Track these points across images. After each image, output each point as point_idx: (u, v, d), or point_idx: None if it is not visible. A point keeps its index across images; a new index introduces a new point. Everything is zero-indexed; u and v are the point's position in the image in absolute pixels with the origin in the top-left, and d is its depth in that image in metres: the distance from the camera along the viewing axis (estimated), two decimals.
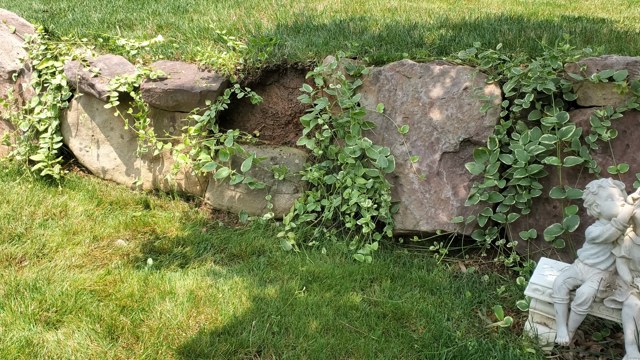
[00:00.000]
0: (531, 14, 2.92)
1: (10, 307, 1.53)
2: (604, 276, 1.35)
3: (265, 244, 1.97)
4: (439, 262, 1.91)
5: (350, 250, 1.94)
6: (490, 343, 1.43)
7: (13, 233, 1.98)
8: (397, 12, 3.07)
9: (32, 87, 2.56)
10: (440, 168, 1.94)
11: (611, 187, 1.35)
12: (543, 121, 1.75)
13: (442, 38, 2.33)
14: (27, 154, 2.54)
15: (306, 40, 2.43)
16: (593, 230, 1.35)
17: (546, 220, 1.79)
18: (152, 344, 1.42)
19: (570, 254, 1.73)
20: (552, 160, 1.71)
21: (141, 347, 1.40)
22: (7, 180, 2.45)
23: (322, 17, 2.98)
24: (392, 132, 2.01)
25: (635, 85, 1.66)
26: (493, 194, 1.83)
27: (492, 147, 1.83)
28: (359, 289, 1.71)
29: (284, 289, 1.67)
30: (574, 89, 1.79)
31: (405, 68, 2.02)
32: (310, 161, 2.19)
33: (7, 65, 2.59)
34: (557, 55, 1.83)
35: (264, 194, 2.17)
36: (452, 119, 1.93)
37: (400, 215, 1.99)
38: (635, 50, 2.00)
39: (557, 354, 1.42)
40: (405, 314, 1.56)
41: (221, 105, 2.21)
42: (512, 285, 1.73)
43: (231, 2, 3.41)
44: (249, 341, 1.41)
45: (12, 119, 2.58)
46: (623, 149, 1.71)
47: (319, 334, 1.46)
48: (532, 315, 1.47)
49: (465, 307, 1.62)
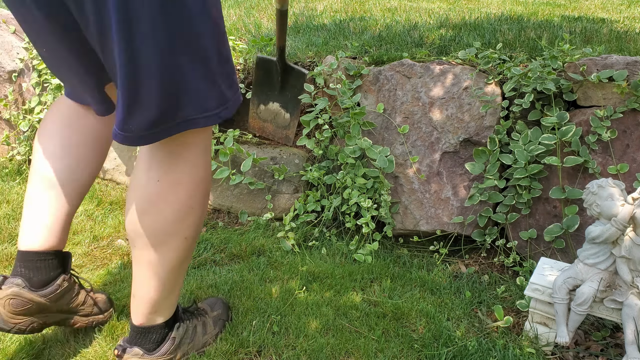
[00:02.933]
0: (531, 14, 2.92)
1: None
2: (604, 276, 1.35)
3: (265, 243, 1.97)
4: (439, 262, 1.91)
5: (350, 250, 1.94)
6: (490, 343, 1.43)
7: (13, 233, 1.98)
8: (397, 12, 3.07)
9: (32, 87, 2.56)
10: (440, 168, 1.94)
11: (611, 187, 1.35)
12: (543, 121, 1.75)
13: (442, 38, 2.33)
14: (27, 154, 2.54)
15: (306, 40, 2.43)
16: (593, 230, 1.35)
17: (546, 220, 1.79)
18: None
19: (570, 254, 1.73)
20: (552, 160, 1.71)
21: None
22: (7, 180, 2.45)
23: (322, 17, 2.98)
24: (392, 132, 2.01)
25: (635, 85, 1.66)
26: (493, 194, 1.83)
27: (492, 147, 1.83)
28: (359, 288, 1.71)
29: (284, 289, 1.67)
30: (574, 89, 1.79)
31: (405, 68, 2.02)
32: (310, 161, 2.19)
33: (7, 65, 2.59)
34: (557, 55, 1.83)
35: (264, 194, 2.17)
36: (452, 119, 1.93)
37: (400, 215, 1.99)
38: (635, 50, 2.00)
39: (557, 353, 1.42)
40: (405, 313, 1.56)
41: None
42: (512, 285, 1.73)
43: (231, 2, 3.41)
44: (249, 341, 1.41)
45: (12, 119, 2.58)
46: (623, 149, 1.71)
47: (319, 333, 1.46)
48: (532, 315, 1.47)
49: (465, 307, 1.62)
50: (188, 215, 1.16)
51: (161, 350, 1.26)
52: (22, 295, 1.24)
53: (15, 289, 1.23)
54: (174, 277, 1.21)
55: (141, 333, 1.25)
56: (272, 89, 2.22)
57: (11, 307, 1.23)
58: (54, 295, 1.30)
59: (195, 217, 1.18)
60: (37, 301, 1.26)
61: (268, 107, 2.25)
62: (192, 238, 1.20)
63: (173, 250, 1.17)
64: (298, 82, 2.15)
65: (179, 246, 1.17)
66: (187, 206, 1.15)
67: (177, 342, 1.30)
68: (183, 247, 1.18)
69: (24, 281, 1.25)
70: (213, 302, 1.50)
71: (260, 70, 2.21)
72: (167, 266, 1.18)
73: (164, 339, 1.28)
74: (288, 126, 2.23)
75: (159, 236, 1.14)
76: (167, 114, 1.02)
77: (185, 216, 1.16)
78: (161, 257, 1.16)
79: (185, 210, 1.15)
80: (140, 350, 1.24)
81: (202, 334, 1.37)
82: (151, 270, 1.17)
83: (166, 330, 1.28)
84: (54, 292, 1.30)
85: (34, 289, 1.26)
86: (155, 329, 1.26)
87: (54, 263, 1.31)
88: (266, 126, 2.27)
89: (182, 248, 1.18)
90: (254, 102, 2.27)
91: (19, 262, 1.28)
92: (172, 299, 1.26)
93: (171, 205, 1.13)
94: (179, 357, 1.31)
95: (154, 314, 1.24)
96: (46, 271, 1.29)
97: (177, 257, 1.19)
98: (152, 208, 1.12)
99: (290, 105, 2.20)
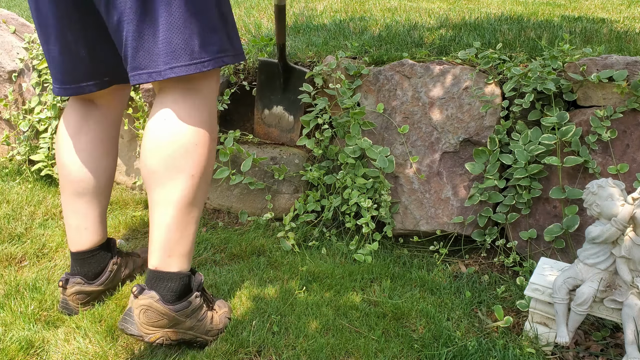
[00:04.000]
0: (531, 14, 2.92)
1: (10, 307, 1.53)
2: (604, 276, 1.35)
3: (265, 244, 1.97)
4: (439, 262, 1.91)
5: (350, 250, 1.94)
6: (490, 343, 1.43)
7: (13, 233, 1.98)
8: (397, 12, 3.07)
9: (32, 87, 2.56)
10: (440, 168, 1.94)
11: (611, 187, 1.35)
12: (543, 121, 1.75)
13: (442, 38, 2.33)
14: (27, 154, 2.54)
15: (306, 40, 2.43)
16: (593, 230, 1.35)
17: (546, 220, 1.79)
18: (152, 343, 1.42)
19: (570, 254, 1.73)
20: (552, 160, 1.71)
21: (141, 347, 1.40)
22: (7, 180, 2.45)
23: (322, 17, 2.98)
24: (392, 132, 2.01)
25: (635, 85, 1.66)
26: (493, 194, 1.83)
27: (492, 147, 1.83)
28: (359, 288, 1.71)
29: (284, 289, 1.67)
30: (574, 89, 1.79)
31: (405, 68, 2.02)
32: (310, 161, 2.19)
33: (7, 65, 2.59)
34: (557, 55, 1.83)
35: (264, 194, 2.17)
36: (452, 119, 1.93)
37: (400, 215, 1.99)
38: (635, 50, 2.00)
39: (557, 353, 1.42)
40: (405, 313, 1.56)
41: (222, 106, 2.21)
42: (512, 285, 1.73)
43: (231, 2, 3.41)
44: (249, 341, 1.42)
45: (12, 119, 2.58)
46: (623, 149, 1.71)
47: (319, 333, 1.46)
48: (532, 315, 1.47)
49: (465, 307, 1.62)
50: (193, 152, 1.26)
51: (177, 306, 1.30)
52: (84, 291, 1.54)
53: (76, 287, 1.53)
54: (184, 217, 1.29)
55: (157, 277, 1.30)
56: (275, 92, 2.22)
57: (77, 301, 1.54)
58: (107, 281, 1.59)
59: (199, 155, 1.28)
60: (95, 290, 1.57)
61: (272, 112, 2.25)
62: (199, 177, 1.29)
63: (180, 188, 1.26)
64: (300, 83, 2.15)
65: (186, 183, 1.27)
66: (191, 143, 1.25)
67: (192, 307, 1.34)
68: (190, 184, 1.27)
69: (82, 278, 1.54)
70: (221, 303, 1.53)
71: (263, 75, 2.21)
72: (177, 204, 1.27)
73: (183, 296, 1.32)
74: (292, 129, 2.23)
75: (166, 173, 1.25)
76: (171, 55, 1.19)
77: (190, 153, 1.26)
78: (170, 194, 1.26)
79: (189, 147, 1.26)
80: (157, 295, 1.28)
81: (209, 322, 1.41)
82: (162, 209, 1.27)
83: (183, 285, 1.32)
84: (107, 278, 1.59)
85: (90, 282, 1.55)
86: (170, 277, 1.30)
87: (102, 255, 1.58)
88: (271, 131, 2.27)
89: (189, 185, 1.27)
90: (258, 107, 2.27)
91: (74, 261, 1.55)
92: (184, 246, 1.31)
93: (176, 142, 1.24)
94: (187, 326, 1.34)
95: (168, 258, 1.30)
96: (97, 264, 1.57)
97: (185, 196, 1.28)
98: (160, 146, 1.25)
99: (294, 106, 2.20)
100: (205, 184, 1.34)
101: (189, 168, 1.26)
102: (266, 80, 2.22)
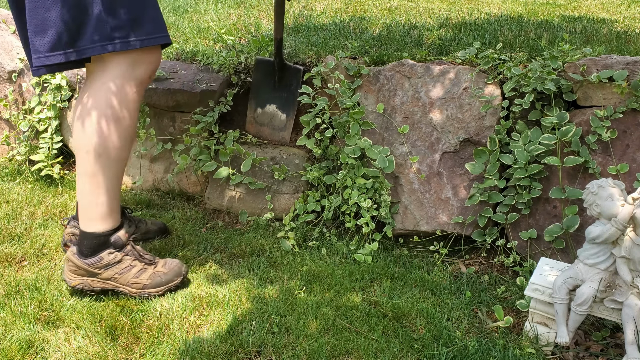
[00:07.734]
0: (531, 14, 2.92)
1: (10, 307, 1.53)
2: (604, 276, 1.35)
3: (265, 244, 1.97)
4: (439, 262, 1.91)
5: (350, 250, 1.94)
6: (490, 343, 1.43)
7: (13, 233, 1.98)
8: (397, 12, 3.07)
9: (32, 87, 2.56)
10: (441, 168, 1.94)
11: (611, 187, 1.35)
12: (543, 121, 1.75)
13: (442, 38, 2.33)
14: (27, 154, 2.54)
15: (306, 40, 2.43)
16: (593, 230, 1.35)
17: (546, 220, 1.79)
18: (152, 344, 1.42)
19: (570, 254, 1.73)
20: (552, 160, 1.71)
21: (141, 347, 1.40)
22: (7, 180, 2.45)
23: (322, 17, 2.98)
24: (392, 132, 2.01)
25: (635, 85, 1.66)
26: (493, 194, 1.83)
27: (492, 147, 1.83)
28: (359, 289, 1.71)
29: (284, 289, 1.67)
30: (574, 89, 1.79)
31: (405, 68, 2.02)
32: (310, 161, 2.19)
33: (7, 65, 2.59)
34: (557, 55, 1.83)
35: (263, 194, 2.17)
36: (452, 119, 1.93)
37: (400, 215, 1.99)
38: (635, 50, 2.00)
39: (557, 354, 1.42)
40: (405, 314, 1.56)
41: (224, 107, 2.21)
42: (512, 285, 1.73)
43: (231, 2, 3.41)
44: (249, 341, 1.42)
45: (12, 119, 2.58)
46: (623, 149, 1.71)
47: (319, 334, 1.46)
48: (532, 315, 1.47)
49: (465, 307, 1.62)
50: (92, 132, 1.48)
51: (88, 260, 1.56)
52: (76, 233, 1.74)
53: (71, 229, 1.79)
54: (87, 186, 1.53)
55: (80, 235, 1.58)
56: (269, 90, 2.22)
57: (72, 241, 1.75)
58: None
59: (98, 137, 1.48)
60: None
61: (265, 110, 2.25)
62: (94, 154, 1.49)
63: (81, 162, 1.52)
64: (294, 80, 2.15)
65: (83, 158, 1.51)
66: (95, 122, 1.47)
67: (103, 262, 1.56)
68: (86, 159, 1.50)
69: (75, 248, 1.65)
70: (172, 264, 1.65)
71: (259, 73, 2.22)
72: (82, 175, 1.53)
73: (97, 251, 1.56)
74: (284, 127, 2.23)
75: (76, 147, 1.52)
76: (65, 41, 1.37)
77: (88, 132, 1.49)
78: (78, 165, 1.53)
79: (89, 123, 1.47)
80: (75, 249, 1.58)
81: (134, 275, 1.58)
82: (77, 178, 1.56)
83: (97, 243, 1.56)
84: None
85: None
86: (86, 236, 1.56)
87: None
88: (263, 130, 2.27)
89: (86, 160, 1.50)
90: (251, 106, 2.27)
91: None
92: (92, 212, 1.55)
93: (80, 118, 1.48)
94: (104, 276, 1.57)
95: (87, 221, 1.56)
96: None
97: (85, 169, 1.52)
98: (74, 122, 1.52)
99: (287, 105, 2.20)
100: (104, 155, 1.51)
101: (84, 145, 1.50)
102: (261, 78, 2.22)
